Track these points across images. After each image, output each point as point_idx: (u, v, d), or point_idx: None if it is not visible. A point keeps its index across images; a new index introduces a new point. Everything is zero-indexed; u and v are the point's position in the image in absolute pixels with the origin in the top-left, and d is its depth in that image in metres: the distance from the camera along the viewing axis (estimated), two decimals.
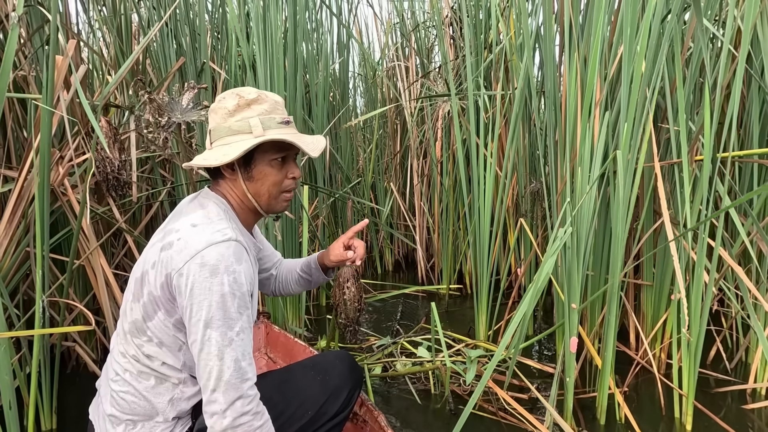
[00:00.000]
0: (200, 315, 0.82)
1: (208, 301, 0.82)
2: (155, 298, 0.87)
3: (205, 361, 0.82)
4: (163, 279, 0.85)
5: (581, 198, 1.40)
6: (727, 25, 1.35)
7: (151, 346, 0.90)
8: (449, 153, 2.87)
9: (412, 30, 3.17)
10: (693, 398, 1.43)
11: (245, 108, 0.92)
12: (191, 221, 0.90)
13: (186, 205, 0.97)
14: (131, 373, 0.92)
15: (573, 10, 1.53)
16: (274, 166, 0.95)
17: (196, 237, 0.85)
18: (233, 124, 0.91)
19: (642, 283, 1.80)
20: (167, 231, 0.91)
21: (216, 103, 0.95)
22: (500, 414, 1.52)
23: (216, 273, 0.82)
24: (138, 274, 0.91)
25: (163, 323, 0.88)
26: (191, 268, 0.82)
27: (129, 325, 0.92)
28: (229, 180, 0.96)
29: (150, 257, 0.89)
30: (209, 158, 0.92)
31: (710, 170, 1.40)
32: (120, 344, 0.94)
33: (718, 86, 1.38)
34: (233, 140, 0.91)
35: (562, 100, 1.70)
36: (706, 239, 1.38)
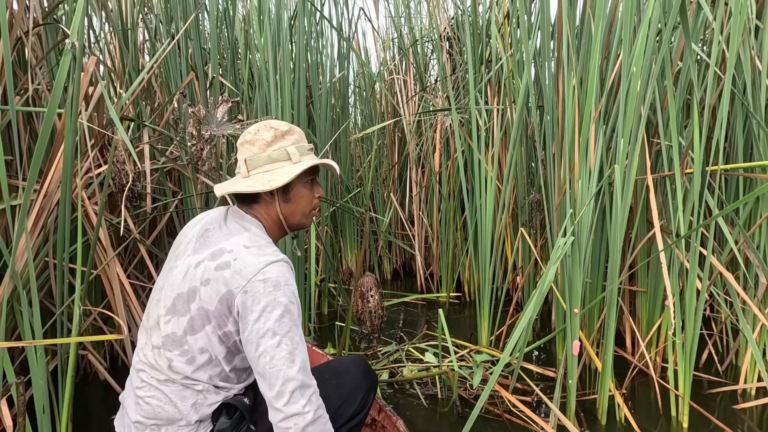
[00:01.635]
0: (268, 326, 0.89)
1: (276, 312, 0.89)
2: (207, 313, 0.93)
3: (278, 367, 0.88)
4: (223, 296, 0.91)
5: (581, 209, 1.49)
6: (713, 50, 1.45)
7: (182, 360, 0.95)
8: (448, 164, 2.95)
9: (411, 45, 3.27)
10: (689, 398, 1.51)
11: (281, 139, 1.03)
12: (242, 243, 0.97)
13: (221, 226, 1.04)
14: (158, 380, 0.97)
15: (570, 33, 1.63)
16: (307, 188, 1.07)
17: (254, 257, 0.93)
18: (272, 153, 1.02)
19: (637, 290, 1.88)
20: (216, 251, 0.96)
21: (250, 136, 1.03)
22: (506, 416, 1.58)
23: (279, 287, 0.91)
24: (183, 290, 0.96)
25: (209, 336, 0.94)
26: (255, 286, 0.90)
27: (162, 339, 0.96)
28: (264, 203, 1.04)
29: (200, 275, 0.95)
30: (254, 185, 1.00)
31: (700, 183, 1.49)
32: (146, 356, 0.99)
33: (706, 105, 1.48)
34: (274, 167, 1.02)
35: (559, 115, 1.79)
36: (698, 248, 1.47)
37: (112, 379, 1.75)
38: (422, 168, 3.22)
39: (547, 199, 1.92)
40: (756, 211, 1.74)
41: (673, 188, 1.72)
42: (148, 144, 1.87)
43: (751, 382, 1.73)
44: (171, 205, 2.10)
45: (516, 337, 1.35)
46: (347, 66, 3.06)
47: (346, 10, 2.99)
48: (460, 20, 3.02)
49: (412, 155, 3.16)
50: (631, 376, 1.76)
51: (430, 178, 3.13)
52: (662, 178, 1.78)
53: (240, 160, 1.04)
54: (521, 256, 2.43)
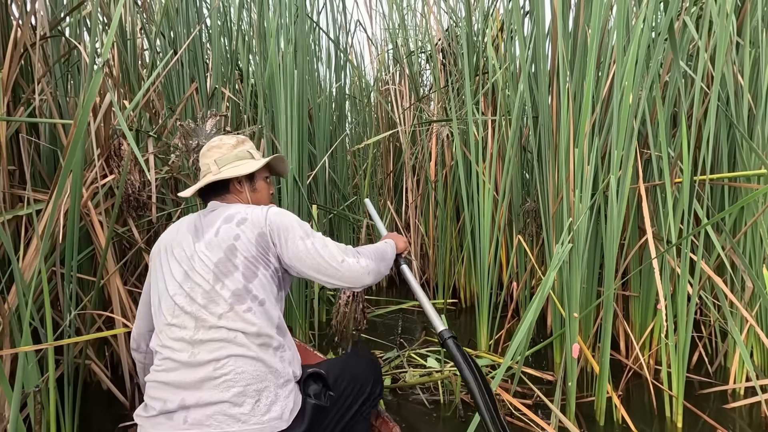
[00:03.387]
0: (297, 236, 1.11)
1: (293, 227, 1.12)
2: (252, 258, 1.08)
3: (322, 253, 1.10)
4: (257, 237, 1.10)
5: (579, 217, 1.55)
6: (699, 66, 1.54)
7: (256, 306, 1.05)
8: (444, 172, 3.01)
9: (406, 57, 3.34)
10: (682, 399, 1.57)
11: (242, 144, 1.29)
12: (243, 206, 1.17)
13: (207, 215, 1.18)
14: (237, 345, 1.00)
15: (566, 50, 1.70)
16: (266, 182, 1.32)
17: (256, 210, 1.15)
18: (238, 152, 1.26)
19: (630, 295, 1.95)
20: (227, 216, 1.14)
21: (216, 143, 1.27)
22: (507, 419, 1.63)
23: (284, 213, 1.16)
24: (221, 255, 1.08)
25: (264, 277, 1.09)
26: (271, 219, 1.13)
27: (229, 300, 1.04)
28: (236, 193, 1.25)
29: (227, 235, 1.10)
30: (230, 174, 1.22)
31: (689, 192, 1.57)
32: (215, 326, 1.02)
33: (693, 118, 1.56)
34: (240, 163, 1.25)
35: (553, 126, 1.86)
36: (688, 254, 1.54)
37: (115, 388, 1.76)
38: (417, 176, 3.28)
39: (544, 207, 1.98)
40: (741, 219, 1.83)
41: (663, 197, 1.79)
42: (153, 154, 1.89)
43: (740, 382, 1.80)
44: (174, 215, 2.12)
45: (518, 342, 1.40)
46: (344, 77, 3.11)
47: (344, 21, 3.06)
48: (453, 32, 3.10)
49: (407, 164, 3.22)
50: (626, 379, 1.82)
51: (425, 187, 3.19)
52: (652, 187, 1.86)
53: (208, 162, 1.24)
54: (516, 263, 2.49)
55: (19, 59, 1.73)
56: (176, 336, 1.03)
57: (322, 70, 2.98)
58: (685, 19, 1.68)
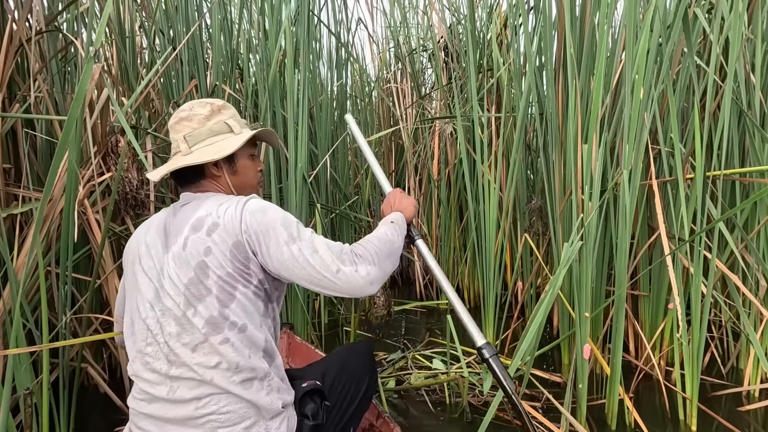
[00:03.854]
0: (281, 241, 0.91)
1: (276, 229, 0.92)
2: (228, 277, 0.91)
3: (312, 263, 0.90)
4: (231, 248, 0.91)
5: (589, 215, 1.50)
6: (711, 59, 1.50)
7: (234, 334, 0.90)
8: (447, 170, 2.97)
9: (408, 55, 3.31)
10: (697, 401, 1.53)
11: (218, 113, 1.05)
12: (215, 204, 0.96)
13: (177, 213, 0.99)
14: (215, 386, 0.89)
15: (574, 45, 1.66)
16: (251, 160, 1.10)
17: (231, 208, 0.95)
18: (212, 126, 1.03)
19: (639, 294, 1.90)
20: (195, 223, 0.94)
21: (185, 113, 1.03)
22: (516, 422, 1.58)
23: (264, 210, 0.94)
24: (191, 274, 0.90)
25: (244, 297, 0.92)
26: (248, 221, 0.92)
27: (203, 330, 0.89)
28: (213, 177, 1.04)
29: (196, 249, 0.91)
30: (202, 156, 0.99)
31: (702, 188, 1.52)
32: (189, 364, 0.89)
33: (706, 112, 1.52)
34: (216, 140, 1.02)
35: (559, 122, 1.82)
36: (702, 252, 1.49)
37: (112, 392, 1.71)
38: (419, 176, 3.24)
39: (551, 205, 1.94)
40: (754, 215, 1.78)
41: (674, 193, 1.75)
42: (151, 152, 1.85)
43: (754, 383, 1.75)
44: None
45: (527, 342, 1.36)
46: (345, 75, 3.08)
47: (345, 18, 3.02)
48: (456, 30, 3.06)
49: (410, 163, 3.18)
50: (636, 380, 1.77)
51: (428, 186, 3.15)
52: (662, 183, 1.81)
53: (177, 138, 1.02)
54: (521, 262, 2.44)
55: (14, 55, 1.69)
56: (151, 367, 0.92)
57: (323, 68, 2.94)
58: (696, 10, 1.64)
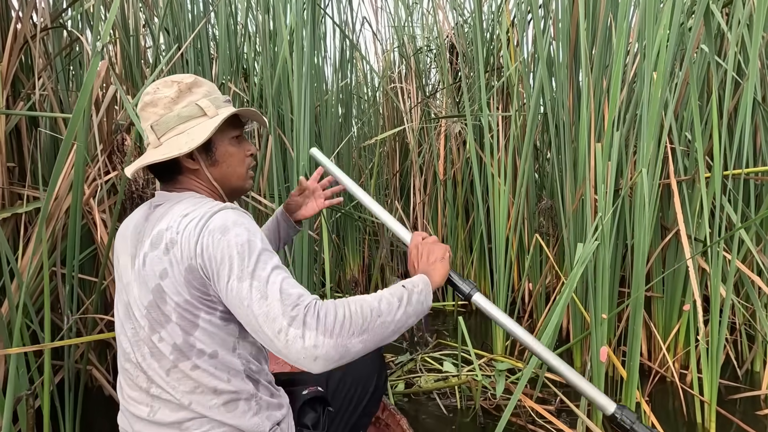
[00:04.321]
0: (232, 275, 0.74)
1: (229, 256, 0.75)
2: (187, 304, 0.78)
3: (256, 311, 0.72)
4: (186, 274, 0.77)
5: (607, 214, 1.48)
6: (729, 57, 1.47)
7: (204, 361, 0.80)
8: (453, 171, 2.94)
9: (413, 54, 3.28)
10: (716, 405, 1.50)
11: (187, 93, 0.87)
12: (180, 213, 0.81)
13: (148, 217, 0.87)
14: (193, 412, 0.81)
15: (587, 42, 1.63)
16: (234, 145, 0.92)
17: (194, 221, 0.79)
18: (181, 111, 0.86)
19: (653, 296, 1.87)
20: (154, 238, 0.81)
21: (149, 96, 0.87)
22: (530, 427, 1.55)
23: (226, 231, 0.77)
24: (150, 297, 0.80)
25: (210, 324, 0.80)
26: (203, 242, 0.76)
27: (170, 357, 0.80)
28: (189, 172, 0.88)
29: (153, 271, 0.79)
30: (170, 150, 0.83)
31: (720, 188, 1.50)
32: (165, 387, 0.81)
33: (724, 111, 1.50)
34: (187, 127, 0.86)
35: (571, 121, 1.80)
36: (722, 253, 1.46)
37: (116, 393, 1.68)
38: (425, 176, 3.21)
39: (562, 205, 1.91)
40: None
41: (690, 193, 1.72)
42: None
43: None
44: None
45: (546, 339, 1.33)
46: (350, 73, 3.05)
47: (350, 16, 3.00)
48: (462, 29, 3.04)
49: (415, 163, 3.15)
50: (651, 383, 1.74)
51: (433, 186, 3.12)
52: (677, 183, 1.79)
53: (145, 128, 0.87)
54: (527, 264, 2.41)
55: (19, 52, 1.66)
56: (132, 384, 0.84)
57: (327, 68, 2.91)
58: (713, 7, 1.62)
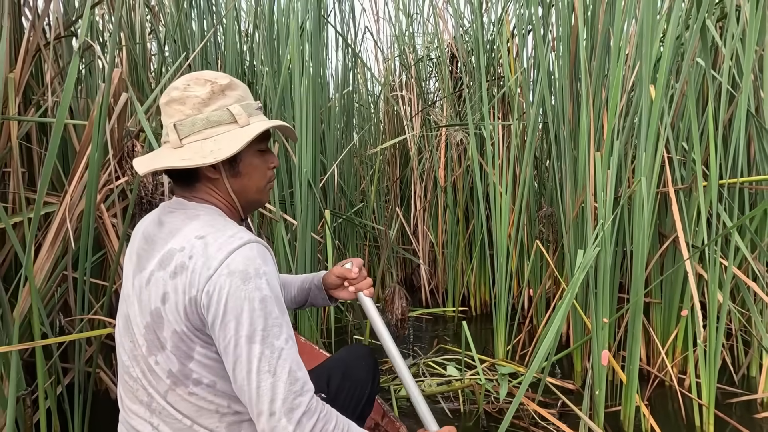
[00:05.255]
0: (241, 331, 0.70)
1: (247, 311, 0.70)
2: (183, 335, 0.74)
3: (257, 382, 0.70)
4: (187, 305, 0.73)
5: (607, 221, 1.52)
6: (724, 71, 1.53)
7: (201, 389, 0.76)
8: (453, 178, 2.99)
9: (414, 64, 3.34)
10: (713, 408, 1.53)
11: (220, 95, 0.80)
12: (194, 234, 0.76)
13: (161, 224, 0.82)
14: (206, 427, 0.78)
15: (586, 53, 1.69)
16: (259, 157, 0.86)
17: (211, 248, 0.73)
18: (211, 114, 0.79)
19: (652, 302, 1.91)
20: (165, 256, 0.76)
21: (178, 93, 0.79)
22: (532, 429, 1.58)
23: (248, 279, 0.72)
24: (147, 319, 0.76)
25: (206, 357, 0.75)
26: (219, 282, 0.71)
27: (167, 381, 0.77)
28: (208, 181, 0.82)
29: (155, 292, 0.75)
30: (192, 157, 0.77)
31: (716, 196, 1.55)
32: (164, 407, 0.78)
33: (719, 122, 1.55)
34: (214, 133, 0.79)
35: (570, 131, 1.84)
36: (718, 259, 1.51)
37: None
38: (425, 184, 3.25)
39: (562, 212, 1.95)
40: (764, 223, 1.80)
41: (687, 201, 1.77)
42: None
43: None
44: None
45: (545, 348, 1.36)
46: (352, 81, 3.10)
47: (353, 27, 3.06)
48: (462, 39, 3.10)
49: (416, 170, 3.19)
50: (650, 387, 1.78)
51: (433, 194, 3.16)
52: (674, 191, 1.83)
53: (167, 125, 0.80)
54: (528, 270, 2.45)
55: (31, 60, 1.69)
56: (132, 397, 0.81)
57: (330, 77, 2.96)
58: (708, 22, 1.68)
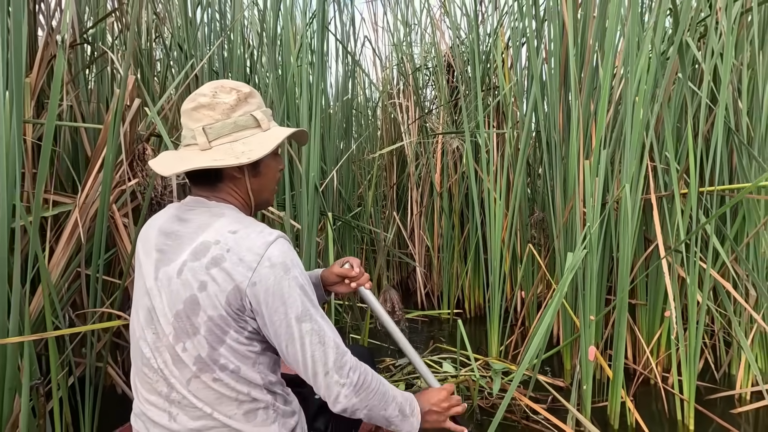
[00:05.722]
0: (291, 313, 0.81)
1: (293, 297, 0.81)
2: (219, 319, 0.81)
3: (311, 353, 0.82)
4: (229, 294, 0.80)
5: (594, 224, 1.61)
6: (704, 86, 1.63)
7: (226, 375, 0.83)
8: (449, 184, 3.08)
9: (412, 73, 3.44)
10: (694, 402, 1.62)
11: (244, 102, 0.88)
12: (227, 229, 0.83)
13: (184, 221, 0.88)
14: (214, 419, 0.84)
15: (576, 68, 1.79)
16: (273, 159, 0.94)
17: (249, 242, 0.82)
18: (238, 119, 0.87)
19: (637, 303, 2.01)
20: (198, 248, 0.82)
21: (207, 99, 0.86)
22: (523, 422, 1.66)
23: (288, 269, 0.82)
24: (180, 307, 0.82)
25: (236, 342, 0.83)
26: (263, 273, 0.80)
27: (193, 368, 0.82)
28: (231, 180, 0.89)
29: (191, 280, 0.81)
30: (225, 158, 0.84)
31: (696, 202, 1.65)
32: (185, 396, 0.83)
33: (699, 134, 1.65)
34: (241, 136, 0.87)
35: (561, 140, 1.94)
36: (697, 262, 1.61)
37: (130, 390, 1.76)
38: (421, 189, 3.34)
39: (553, 217, 2.05)
40: (743, 229, 1.91)
41: (669, 207, 1.87)
42: None
43: (746, 387, 1.85)
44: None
45: (536, 344, 1.44)
46: (351, 89, 3.19)
47: (353, 35, 3.16)
48: (458, 49, 3.21)
49: (413, 176, 3.28)
50: (635, 384, 1.87)
51: (430, 198, 3.25)
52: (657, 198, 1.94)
53: (194, 128, 0.86)
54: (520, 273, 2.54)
55: (47, 66, 1.77)
56: (150, 389, 0.86)
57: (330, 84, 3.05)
58: (688, 40, 1.79)
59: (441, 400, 0.99)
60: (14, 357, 1.21)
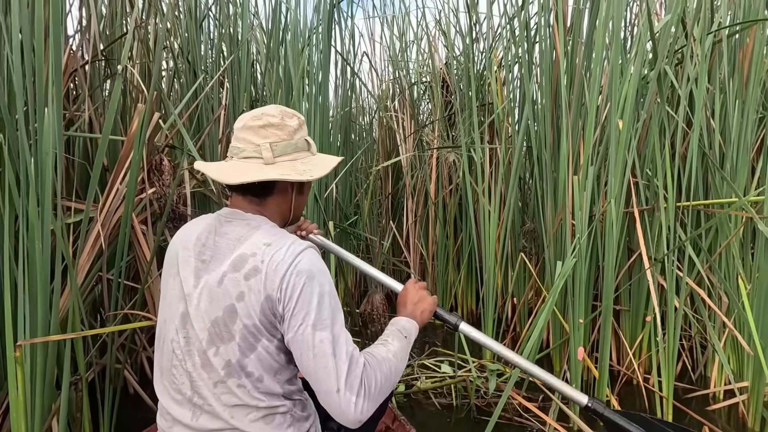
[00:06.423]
0: (307, 320, 0.84)
1: (312, 304, 0.85)
2: (254, 327, 0.87)
3: (324, 363, 0.83)
4: (263, 302, 0.86)
5: (583, 235, 1.76)
6: (680, 111, 1.80)
7: (251, 382, 0.88)
8: (444, 194, 3.22)
9: (409, 87, 3.59)
10: (672, 400, 1.77)
11: (301, 128, 0.98)
12: (262, 242, 0.89)
13: (222, 233, 0.94)
14: (237, 421, 0.88)
15: (567, 91, 1.95)
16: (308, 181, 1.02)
17: (280, 253, 0.87)
18: (299, 141, 0.96)
19: (621, 309, 2.16)
20: (237, 259, 0.89)
21: (276, 119, 0.94)
22: (516, 420, 1.78)
23: (313, 277, 0.86)
24: (219, 314, 0.88)
25: (266, 350, 0.88)
26: (290, 281, 0.85)
27: (221, 372, 0.87)
28: (280, 196, 0.97)
29: (231, 290, 0.87)
30: (290, 173, 0.92)
31: (673, 216, 1.81)
32: (210, 398, 0.88)
33: (677, 153, 1.82)
34: (298, 156, 0.96)
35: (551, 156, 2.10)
36: (675, 271, 1.76)
37: (142, 391, 1.84)
38: (416, 200, 3.47)
39: (543, 228, 2.19)
40: (716, 241, 2.08)
41: (650, 221, 2.03)
42: (187, 170, 2.02)
43: (719, 386, 2.01)
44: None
45: (531, 344, 1.57)
46: (351, 102, 3.33)
47: (352, 51, 3.30)
48: (452, 65, 3.37)
49: (408, 186, 3.41)
50: (619, 385, 2.01)
51: (424, 207, 3.39)
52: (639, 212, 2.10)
53: (260, 144, 0.92)
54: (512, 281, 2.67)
55: (67, 80, 1.86)
56: (177, 389, 0.92)
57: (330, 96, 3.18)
58: (666, 68, 1.96)
59: (412, 299, 1.06)
60: (54, 354, 1.30)
